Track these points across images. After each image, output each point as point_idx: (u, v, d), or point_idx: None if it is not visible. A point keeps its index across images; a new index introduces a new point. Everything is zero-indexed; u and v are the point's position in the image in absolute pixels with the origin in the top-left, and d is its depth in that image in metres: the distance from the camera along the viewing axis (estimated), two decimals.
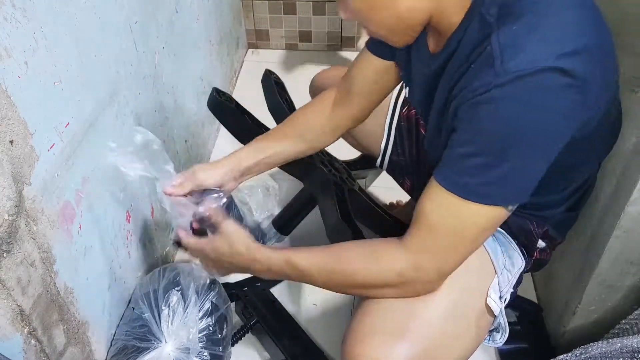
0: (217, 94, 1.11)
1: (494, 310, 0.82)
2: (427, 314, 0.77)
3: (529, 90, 0.59)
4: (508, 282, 0.85)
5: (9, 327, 0.72)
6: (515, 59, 0.59)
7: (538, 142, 0.62)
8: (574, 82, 0.59)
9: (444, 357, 0.77)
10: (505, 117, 0.61)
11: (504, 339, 0.86)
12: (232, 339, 1.10)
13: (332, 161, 1.15)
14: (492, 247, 0.85)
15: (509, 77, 0.59)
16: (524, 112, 0.60)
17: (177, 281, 1.05)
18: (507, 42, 0.60)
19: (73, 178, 0.85)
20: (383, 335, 0.75)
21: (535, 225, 0.86)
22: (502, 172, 0.63)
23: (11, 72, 0.68)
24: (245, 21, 2.04)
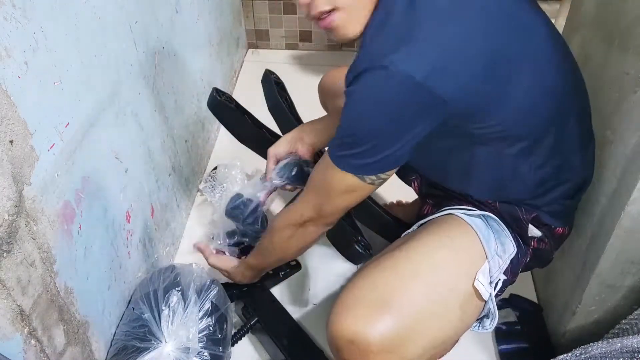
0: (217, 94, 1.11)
1: (482, 294, 0.83)
2: (411, 291, 0.80)
3: (369, 85, 0.70)
4: (499, 267, 0.86)
5: (9, 327, 0.72)
6: (363, 53, 0.73)
7: (379, 131, 0.73)
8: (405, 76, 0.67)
9: (425, 334, 0.80)
10: (350, 112, 0.75)
11: (493, 325, 0.88)
12: (232, 339, 1.10)
13: None
14: (484, 234, 0.87)
15: (357, 71, 0.71)
16: (362, 109, 0.73)
17: (177, 281, 1.05)
18: (367, 34, 0.75)
19: (73, 178, 0.85)
20: (366, 308, 0.79)
21: (523, 211, 0.88)
22: (355, 151, 0.76)
23: (11, 72, 0.68)
24: (245, 21, 2.04)
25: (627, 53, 0.86)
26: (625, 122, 0.86)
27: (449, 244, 0.86)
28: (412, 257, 0.85)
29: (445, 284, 0.83)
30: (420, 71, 0.67)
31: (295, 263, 1.31)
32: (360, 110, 0.73)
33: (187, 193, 1.45)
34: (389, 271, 0.83)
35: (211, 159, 1.64)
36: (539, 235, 0.90)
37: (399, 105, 0.70)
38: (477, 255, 0.86)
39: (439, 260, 0.84)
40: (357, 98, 0.73)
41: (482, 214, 0.90)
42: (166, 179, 1.27)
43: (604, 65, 0.94)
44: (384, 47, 0.69)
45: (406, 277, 0.82)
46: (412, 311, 0.79)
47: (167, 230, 1.30)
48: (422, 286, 0.81)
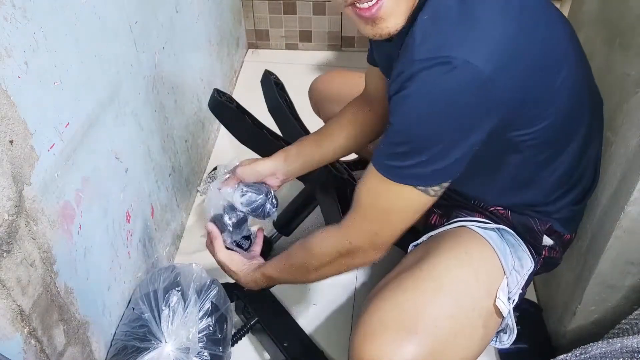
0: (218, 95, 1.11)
1: (502, 311, 0.82)
2: (435, 313, 0.78)
3: (430, 83, 0.64)
4: (517, 284, 0.85)
5: (9, 327, 0.72)
6: (420, 49, 0.65)
7: (444, 133, 0.67)
8: (474, 70, 0.62)
9: (451, 356, 0.78)
10: (410, 115, 0.67)
11: (512, 340, 0.86)
12: (232, 339, 1.10)
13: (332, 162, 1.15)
14: (501, 248, 0.85)
15: (415, 69, 0.64)
16: (427, 108, 0.65)
17: (177, 281, 1.05)
18: (418, 30, 0.66)
19: (73, 178, 0.85)
20: (391, 333, 0.75)
21: (537, 222, 0.87)
22: (419, 159, 0.69)
23: (11, 72, 0.68)
24: (245, 21, 2.04)
25: (628, 54, 0.86)
26: (626, 123, 0.86)
27: (468, 261, 0.83)
28: (433, 276, 0.81)
29: (468, 303, 0.80)
30: (489, 66, 0.62)
31: None
32: (423, 111, 0.66)
33: (187, 193, 1.45)
34: (411, 292, 0.80)
35: (211, 159, 1.64)
36: (550, 244, 0.89)
37: (468, 101, 0.64)
38: (495, 272, 0.84)
39: (460, 278, 0.81)
40: (417, 98, 0.65)
41: (496, 227, 0.87)
42: (166, 179, 1.27)
43: (605, 66, 0.94)
44: (445, 41, 0.63)
45: (429, 298, 0.79)
46: (438, 334, 0.76)
47: (167, 230, 1.30)
48: (446, 307, 0.79)
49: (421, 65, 0.64)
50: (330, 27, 2.01)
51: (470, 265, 0.82)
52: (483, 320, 0.81)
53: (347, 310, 1.24)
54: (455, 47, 0.62)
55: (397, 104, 0.68)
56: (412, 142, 0.69)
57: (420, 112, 0.66)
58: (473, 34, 0.63)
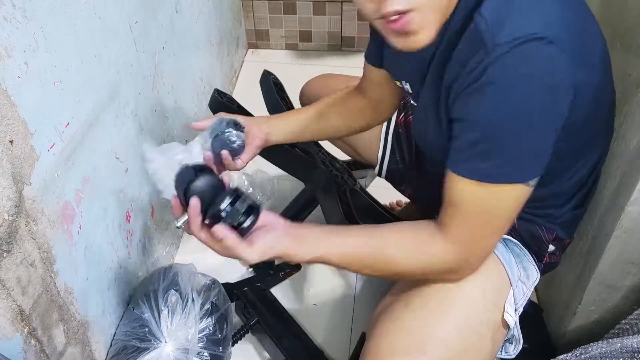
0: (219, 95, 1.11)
1: (509, 324, 0.82)
2: (444, 332, 0.76)
3: (518, 65, 0.60)
4: (523, 295, 0.84)
5: (9, 327, 0.72)
6: (500, 33, 0.60)
7: (539, 117, 0.62)
8: (561, 48, 0.59)
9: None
10: (502, 101, 0.61)
11: (517, 350, 0.85)
12: (232, 339, 1.10)
13: (332, 161, 1.15)
14: (506, 258, 0.84)
15: (497, 54, 0.60)
16: (519, 92, 0.61)
17: (176, 281, 1.05)
18: (489, 17, 0.61)
19: (73, 178, 0.85)
20: (402, 357, 0.74)
21: (544, 230, 0.86)
22: (511, 152, 0.64)
23: (11, 72, 0.68)
24: (245, 21, 2.04)
25: (629, 54, 0.86)
26: (626, 124, 0.86)
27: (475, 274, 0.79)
28: (440, 291, 0.79)
29: (477, 319, 0.79)
30: (573, 43, 0.60)
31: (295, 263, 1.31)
32: (515, 95, 0.61)
33: None
34: (420, 312, 0.78)
35: None
36: (552, 250, 0.89)
37: (560, 79, 0.61)
38: (502, 283, 0.82)
39: (467, 292, 0.79)
40: (506, 82, 0.60)
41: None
42: None
43: None
44: (526, 21, 0.60)
45: (438, 317, 0.77)
46: (448, 353, 0.75)
47: (167, 230, 1.30)
48: (454, 324, 0.77)
49: (504, 48, 0.59)
50: (330, 27, 2.01)
51: (478, 278, 0.80)
52: (491, 334, 0.80)
53: (347, 310, 1.24)
54: (536, 26, 0.59)
55: (479, 95, 0.63)
56: (505, 134, 0.63)
57: (512, 96, 0.61)
58: (549, 14, 0.61)
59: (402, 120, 1.11)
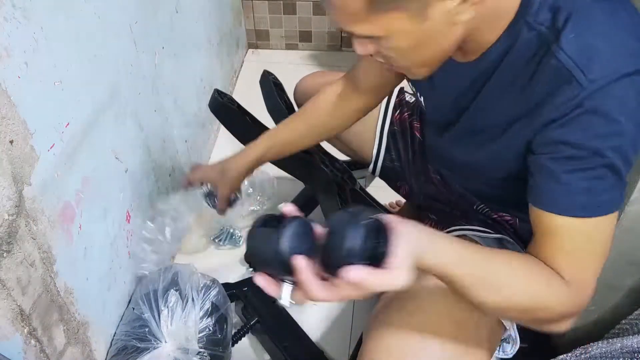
0: (219, 95, 1.11)
1: (505, 324, 0.82)
2: (439, 335, 0.76)
3: (619, 97, 0.59)
4: None
5: (9, 327, 0.72)
6: (594, 68, 0.59)
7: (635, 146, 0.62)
8: None
9: None
10: (602, 127, 0.60)
11: (515, 350, 0.85)
12: (232, 339, 1.10)
13: (332, 162, 1.15)
14: None
15: (595, 87, 0.59)
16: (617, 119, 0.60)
17: (176, 281, 1.05)
18: (576, 52, 0.60)
19: (73, 178, 0.85)
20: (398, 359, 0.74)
21: None
22: (609, 182, 0.63)
23: (11, 72, 0.68)
24: (245, 21, 2.04)
25: None
26: None
27: None
28: (436, 293, 0.79)
29: (473, 321, 0.78)
30: None
31: None
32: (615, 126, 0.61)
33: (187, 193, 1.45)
34: (416, 315, 0.78)
35: (211, 159, 1.64)
36: None
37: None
38: None
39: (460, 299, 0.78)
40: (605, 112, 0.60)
41: (497, 236, 0.86)
42: (166, 179, 1.27)
43: None
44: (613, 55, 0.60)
45: (434, 320, 0.77)
46: (444, 355, 0.75)
47: None
48: (451, 326, 0.76)
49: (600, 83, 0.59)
50: (330, 27, 2.01)
51: None
52: (487, 335, 0.80)
53: (347, 310, 1.24)
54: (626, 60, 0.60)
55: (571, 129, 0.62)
56: (594, 168, 0.62)
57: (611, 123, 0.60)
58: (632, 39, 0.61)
59: (397, 118, 1.10)
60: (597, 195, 0.64)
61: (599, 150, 0.61)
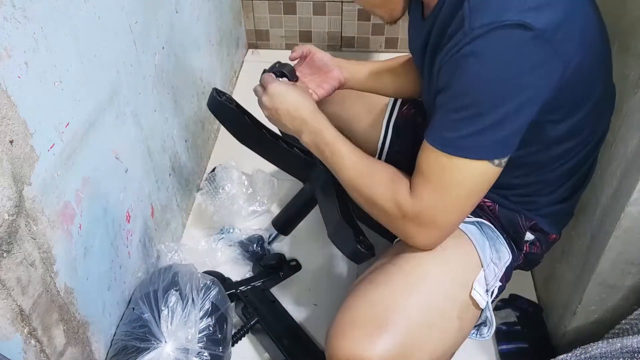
0: (217, 95, 1.11)
1: (479, 303, 0.83)
2: (406, 307, 0.79)
3: (493, 46, 0.64)
4: (494, 276, 0.86)
5: (9, 327, 0.72)
6: (480, 18, 0.65)
7: (508, 96, 0.66)
8: (538, 36, 0.63)
9: (425, 348, 0.79)
10: (473, 75, 0.66)
11: (491, 333, 0.87)
12: (232, 339, 1.10)
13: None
14: (480, 241, 0.86)
15: (474, 35, 0.65)
16: (489, 68, 0.65)
17: (176, 281, 1.05)
18: (474, 3, 0.67)
19: (73, 178, 0.85)
20: (363, 328, 0.77)
21: (522, 218, 0.88)
22: (477, 126, 0.68)
23: (11, 72, 0.68)
24: (245, 21, 2.04)
25: (627, 55, 0.86)
26: (625, 123, 0.87)
27: (442, 254, 0.82)
28: (405, 269, 0.82)
29: (441, 295, 0.81)
30: (549, 24, 0.64)
31: (295, 263, 1.31)
32: (489, 70, 0.66)
33: (187, 193, 1.45)
34: (383, 287, 0.81)
35: (211, 159, 1.64)
36: (531, 239, 0.90)
37: (534, 64, 0.65)
38: (472, 264, 0.84)
39: (433, 271, 0.82)
40: (482, 56, 0.65)
41: (476, 220, 0.88)
42: (166, 179, 1.27)
43: None
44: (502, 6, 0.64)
45: (401, 292, 0.80)
46: (410, 326, 0.77)
47: (167, 230, 1.30)
48: (417, 300, 0.79)
49: (478, 32, 0.64)
50: (330, 27, 2.01)
51: (445, 257, 0.82)
52: (458, 312, 0.82)
53: None
54: (513, 11, 0.63)
55: (458, 64, 0.67)
56: (475, 105, 0.67)
57: (485, 70, 0.65)
58: None
59: (403, 112, 1.12)
60: (461, 138, 0.69)
61: (468, 93, 0.67)
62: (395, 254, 0.86)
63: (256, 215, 1.44)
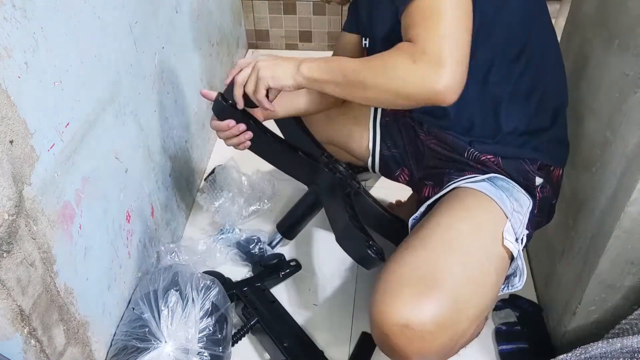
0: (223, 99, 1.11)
1: (512, 251, 0.85)
2: (448, 264, 0.80)
3: None
4: (520, 223, 0.88)
5: (9, 327, 0.72)
6: None
7: None
8: None
9: (471, 303, 0.80)
10: None
11: (523, 282, 0.89)
12: (232, 339, 1.10)
13: (336, 164, 1.15)
14: (497, 195, 0.89)
15: None
16: None
17: (176, 281, 1.05)
18: None
19: (73, 178, 0.85)
20: (411, 289, 0.77)
21: (528, 162, 0.92)
22: None
23: (11, 72, 0.68)
24: (245, 21, 2.04)
25: (627, 54, 0.86)
26: (625, 123, 0.86)
27: (467, 215, 0.87)
28: (438, 233, 0.84)
29: (477, 250, 0.83)
30: None
31: (295, 263, 1.31)
32: None
33: (187, 193, 1.45)
34: (421, 250, 0.83)
35: (211, 159, 1.64)
36: (541, 182, 0.93)
37: None
38: (497, 217, 0.87)
39: (464, 229, 0.85)
40: None
41: (486, 177, 0.91)
42: (166, 179, 1.27)
43: (604, 66, 0.94)
44: None
45: (440, 252, 0.82)
46: (455, 284, 0.79)
47: (167, 230, 1.30)
48: (457, 258, 0.81)
49: None
50: (330, 27, 2.01)
51: (471, 217, 0.86)
52: (495, 266, 0.84)
53: (347, 310, 1.24)
54: None
55: None
56: None
57: None
58: None
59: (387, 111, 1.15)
60: None
61: None
62: (422, 226, 0.88)
63: (256, 216, 1.44)
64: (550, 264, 1.15)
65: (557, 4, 1.93)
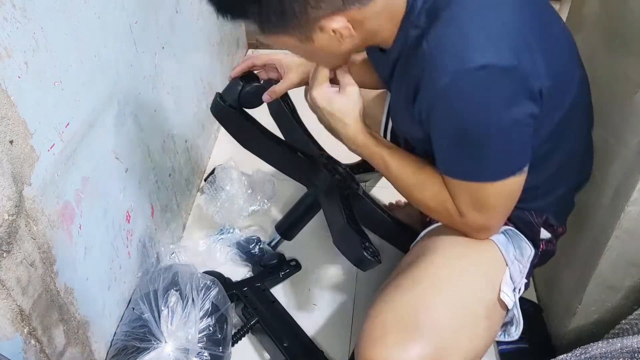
0: (221, 100, 1.11)
1: (507, 304, 0.83)
2: (436, 309, 0.78)
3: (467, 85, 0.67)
4: (520, 273, 0.86)
5: (9, 327, 0.72)
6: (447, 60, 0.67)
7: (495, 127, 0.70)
8: (505, 71, 0.66)
9: (457, 350, 0.78)
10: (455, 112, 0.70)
11: (519, 332, 0.87)
12: (232, 339, 1.10)
13: (335, 166, 1.15)
14: (502, 241, 0.86)
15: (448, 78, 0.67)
16: (468, 107, 0.69)
17: (176, 281, 1.05)
18: (433, 43, 0.69)
19: (73, 178, 0.85)
20: (394, 335, 0.76)
21: (534, 215, 0.88)
22: (486, 152, 0.73)
23: (11, 72, 0.68)
24: None
25: (628, 55, 0.86)
26: (625, 124, 0.86)
27: (466, 254, 0.84)
28: (431, 273, 0.82)
29: (469, 296, 0.81)
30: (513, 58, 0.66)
31: (295, 263, 1.31)
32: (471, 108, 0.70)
33: (187, 193, 1.45)
34: (411, 292, 0.80)
35: (211, 159, 1.64)
36: (548, 237, 0.90)
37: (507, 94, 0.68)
38: (497, 262, 0.84)
39: (459, 273, 0.82)
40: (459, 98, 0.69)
41: None
42: (166, 179, 1.27)
43: (605, 67, 0.94)
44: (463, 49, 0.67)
45: (429, 296, 0.79)
46: (441, 330, 0.77)
47: (167, 230, 1.30)
48: (446, 302, 0.79)
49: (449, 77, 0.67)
50: None
51: (470, 257, 0.84)
52: (486, 312, 0.81)
53: (347, 310, 1.24)
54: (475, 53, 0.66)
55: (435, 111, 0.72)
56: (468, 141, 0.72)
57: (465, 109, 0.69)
58: (485, 34, 0.67)
59: None
60: (479, 165, 0.75)
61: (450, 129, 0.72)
62: (418, 256, 0.86)
63: (256, 216, 1.44)
64: (551, 265, 1.15)
65: (557, 4, 1.93)
